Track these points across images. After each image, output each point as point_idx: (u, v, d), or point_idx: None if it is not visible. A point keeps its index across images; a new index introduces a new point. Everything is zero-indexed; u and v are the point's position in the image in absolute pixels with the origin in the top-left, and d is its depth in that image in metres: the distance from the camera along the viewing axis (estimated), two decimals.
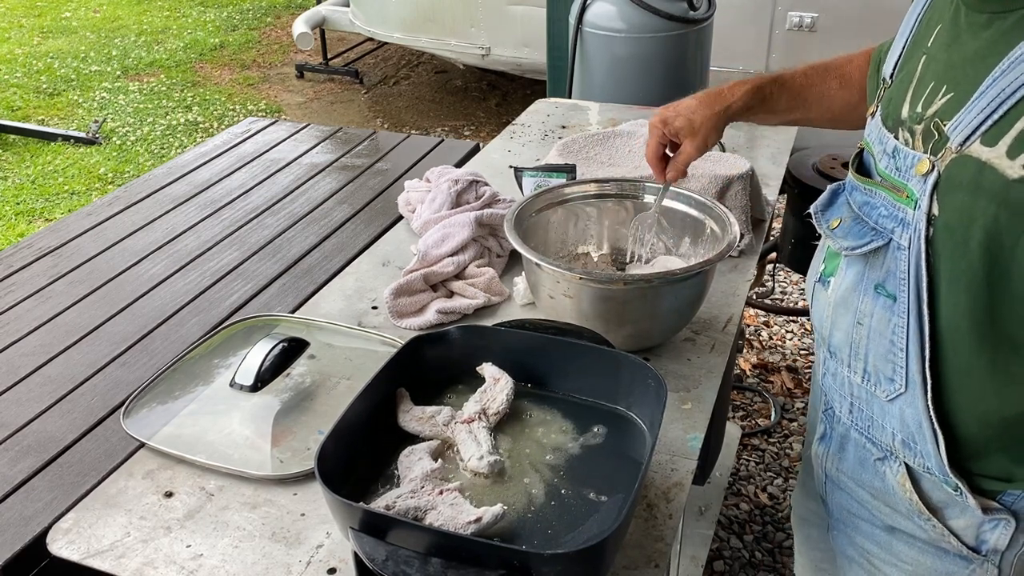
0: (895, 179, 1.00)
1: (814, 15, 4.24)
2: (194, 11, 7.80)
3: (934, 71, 0.99)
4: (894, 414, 1.05)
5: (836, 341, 1.12)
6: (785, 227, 2.67)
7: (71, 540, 1.09)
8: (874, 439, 1.11)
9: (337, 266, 1.93)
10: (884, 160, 1.03)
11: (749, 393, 3.06)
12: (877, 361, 1.05)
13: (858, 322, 1.06)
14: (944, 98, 0.95)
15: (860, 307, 1.06)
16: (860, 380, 1.09)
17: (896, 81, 1.08)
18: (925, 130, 0.97)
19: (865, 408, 1.11)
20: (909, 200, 0.97)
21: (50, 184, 4.68)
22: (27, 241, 2.12)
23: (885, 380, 1.04)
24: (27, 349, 1.70)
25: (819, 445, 1.25)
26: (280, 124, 2.82)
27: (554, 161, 1.89)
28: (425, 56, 6.41)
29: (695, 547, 2.20)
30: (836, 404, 1.18)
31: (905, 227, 0.98)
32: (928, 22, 1.05)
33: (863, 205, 1.06)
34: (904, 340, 1.00)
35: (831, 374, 1.16)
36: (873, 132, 1.09)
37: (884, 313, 1.02)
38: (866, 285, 1.04)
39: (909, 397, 1.02)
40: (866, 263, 1.04)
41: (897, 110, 1.03)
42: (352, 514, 0.91)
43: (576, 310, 1.33)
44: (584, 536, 0.96)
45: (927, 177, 0.94)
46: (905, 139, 1.00)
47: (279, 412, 1.28)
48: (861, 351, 1.07)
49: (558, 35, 3.53)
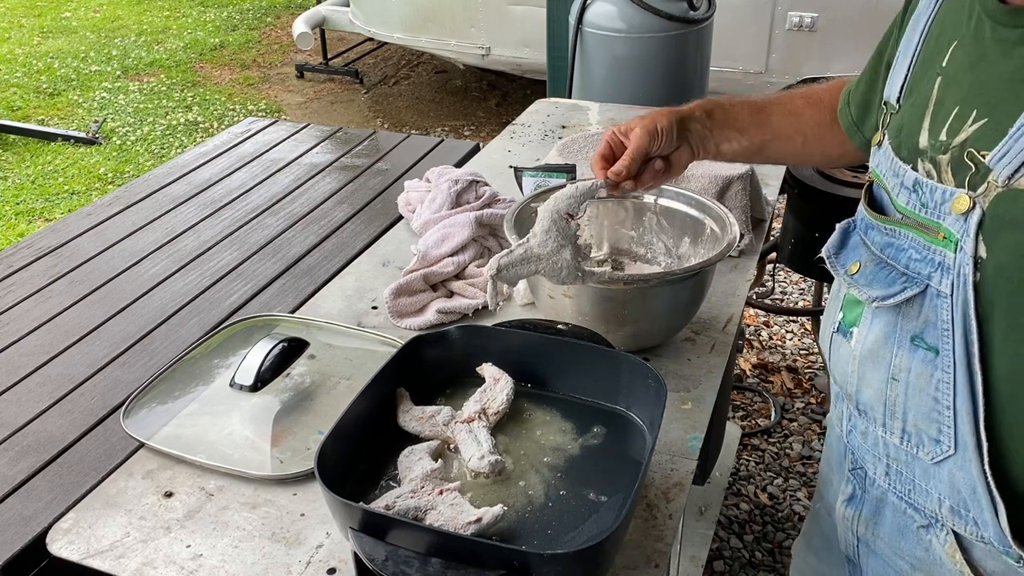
0: (922, 216, 0.91)
1: (814, 15, 4.24)
2: (194, 11, 7.80)
3: (956, 94, 0.90)
4: (941, 478, 0.94)
5: (866, 399, 1.00)
6: (785, 227, 2.67)
7: (71, 540, 1.09)
8: (916, 505, 1.00)
9: (337, 266, 1.93)
10: (903, 195, 0.94)
11: (749, 393, 3.06)
12: (918, 420, 0.94)
13: (893, 378, 0.95)
14: (976, 124, 0.86)
15: (894, 361, 0.95)
16: (898, 441, 0.98)
17: (907, 106, 0.98)
18: (955, 160, 0.87)
19: (905, 471, 0.99)
20: (947, 242, 0.87)
21: (50, 184, 4.68)
22: (27, 241, 2.12)
23: (929, 441, 0.93)
24: (27, 349, 1.69)
25: (847, 507, 1.13)
26: (280, 124, 2.82)
27: (554, 161, 1.89)
28: (425, 56, 6.41)
29: (695, 547, 2.20)
30: (868, 465, 1.06)
31: (945, 272, 0.88)
32: (938, 39, 0.96)
33: (886, 247, 0.96)
34: (951, 397, 0.89)
35: (860, 432, 1.05)
36: (883, 163, 0.99)
37: (924, 368, 0.91)
38: (900, 337, 0.94)
39: (959, 460, 0.91)
40: (899, 313, 0.94)
41: (912, 138, 0.94)
42: (352, 514, 0.91)
43: (576, 310, 1.33)
44: (584, 536, 0.96)
45: (968, 215, 0.85)
46: (927, 171, 0.91)
47: (279, 412, 1.28)
48: (898, 410, 0.96)
49: (558, 35, 3.53)
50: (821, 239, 1.07)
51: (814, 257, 1.14)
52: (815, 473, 2.71)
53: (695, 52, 2.93)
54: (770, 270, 3.18)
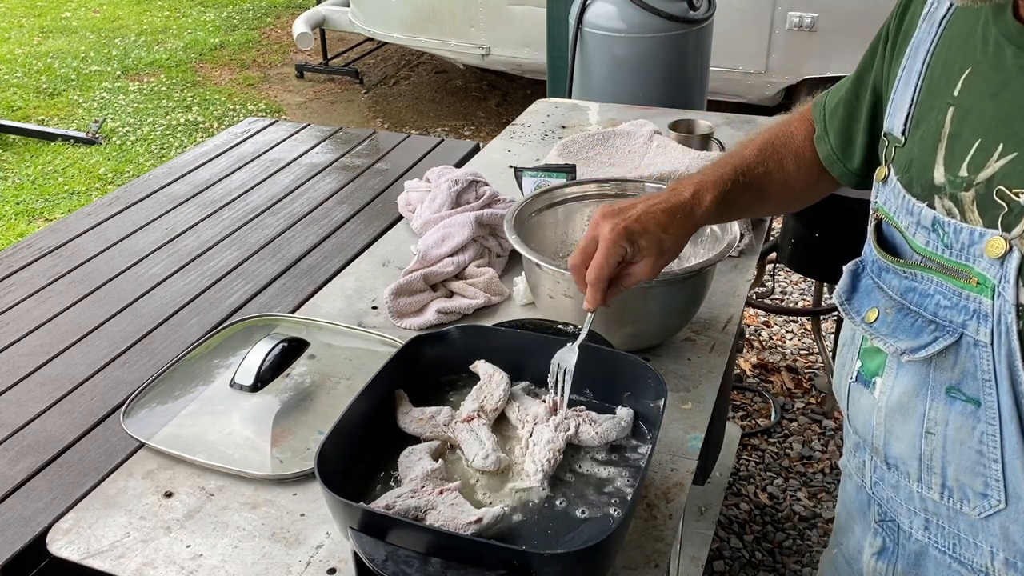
0: (947, 259, 0.85)
1: (814, 15, 4.24)
2: (194, 11, 7.80)
3: (976, 125, 0.84)
4: (992, 531, 0.89)
5: (897, 453, 0.95)
6: (785, 227, 2.67)
7: (71, 540, 1.09)
8: (963, 560, 0.94)
9: (337, 266, 1.93)
10: (922, 235, 0.88)
11: (749, 393, 3.06)
12: (961, 475, 0.88)
13: (928, 431, 0.90)
14: (1004, 159, 0.80)
15: (929, 415, 0.89)
16: (938, 497, 0.92)
17: (915, 139, 0.92)
18: (981, 198, 0.82)
19: (947, 525, 0.94)
20: (981, 288, 0.82)
21: (50, 184, 4.68)
22: (27, 241, 2.12)
23: (975, 496, 0.88)
24: (27, 349, 1.70)
25: (878, 560, 1.06)
26: (280, 124, 2.82)
27: (554, 161, 1.89)
28: (425, 56, 6.41)
29: (695, 547, 2.20)
30: (903, 519, 1.00)
31: (982, 320, 0.82)
32: (945, 67, 0.89)
33: (907, 292, 0.90)
34: (998, 451, 0.84)
35: (890, 486, 0.99)
36: (892, 200, 0.93)
37: (965, 420, 0.86)
38: (933, 389, 0.88)
39: (1012, 513, 0.86)
40: (930, 364, 0.88)
41: (925, 174, 0.88)
42: (352, 514, 0.91)
43: (576, 310, 1.33)
44: (584, 536, 0.96)
45: (1006, 259, 0.79)
46: (947, 208, 0.85)
47: (279, 412, 1.28)
48: (936, 465, 0.90)
49: (558, 35, 3.53)
50: (821, 239, 1.04)
51: (814, 257, 1.11)
52: (815, 473, 2.71)
53: (695, 52, 2.93)
54: (770, 270, 3.18)
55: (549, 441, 1.05)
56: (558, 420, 1.08)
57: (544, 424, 1.08)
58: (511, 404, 1.13)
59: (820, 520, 2.54)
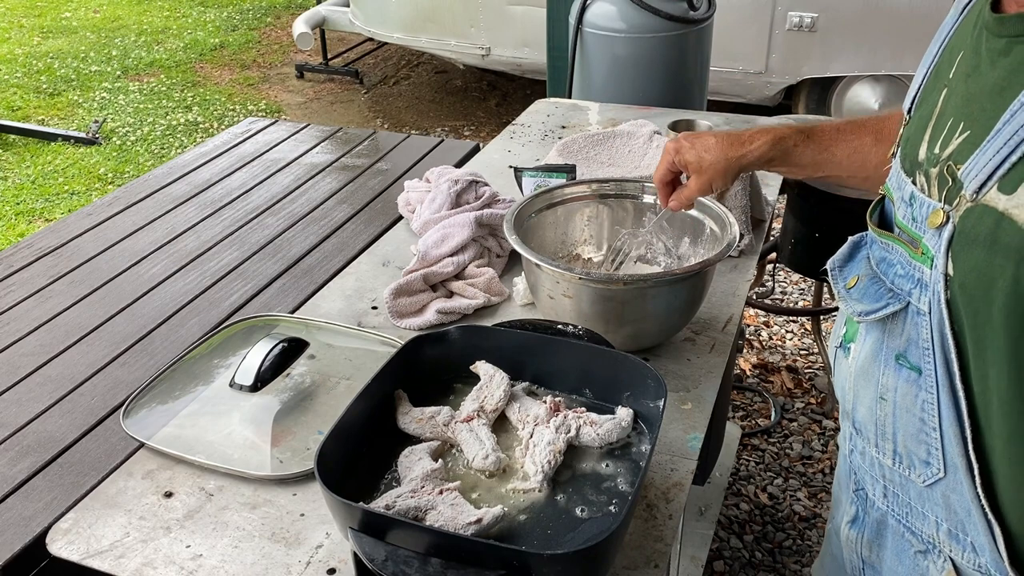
0: (912, 231, 0.88)
1: (814, 15, 4.24)
2: (194, 11, 7.80)
3: (954, 106, 0.86)
4: (936, 500, 0.91)
5: (860, 417, 0.98)
6: (785, 227, 2.67)
7: (71, 540, 1.09)
8: (913, 528, 0.96)
9: (337, 266, 1.93)
10: (902, 209, 0.90)
11: (749, 393, 3.06)
12: (908, 442, 0.91)
13: (881, 397, 0.93)
14: (960, 137, 0.82)
15: (882, 380, 0.92)
16: (891, 463, 0.95)
17: (915, 118, 0.95)
18: (940, 174, 0.84)
19: (900, 493, 0.96)
20: (924, 257, 0.85)
21: (50, 184, 4.68)
22: (27, 241, 2.12)
23: (920, 463, 0.90)
24: (27, 349, 1.70)
25: (850, 528, 1.09)
26: (280, 124, 2.82)
27: (554, 161, 1.89)
28: (425, 56, 6.41)
29: (695, 547, 2.20)
30: (868, 486, 1.03)
31: (923, 289, 0.85)
32: (951, 49, 0.91)
33: (880, 262, 0.94)
34: (936, 419, 0.86)
35: (859, 452, 1.02)
36: (893, 177, 0.96)
37: (909, 388, 0.89)
38: (886, 355, 0.91)
39: (951, 482, 0.87)
40: (884, 330, 0.91)
41: (914, 151, 0.90)
42: (352, 514, 0.91)
43: (576, 310, 1.33)
44: (584, 536, 0.96)
45: (941, 230, 0.82)
46: (921, 185, 0.88)
47: (279, 412, 1.28)
48: (888, 430, 0.93)
49: (558, 35, 3.53)
50: (821, 239, 1.05)
51: (814, 257, 1.12)
52: (815, 473, 2.71)
53: (695, 52, 2.93)
54: (770, 270, 3.19)
55: (550, 443, 1.05)
56: (559, 421, 1.08)
57: (545, 425, 1.08)
58: (511, 404, 1.13)
59: (820, 520, 2.54)
